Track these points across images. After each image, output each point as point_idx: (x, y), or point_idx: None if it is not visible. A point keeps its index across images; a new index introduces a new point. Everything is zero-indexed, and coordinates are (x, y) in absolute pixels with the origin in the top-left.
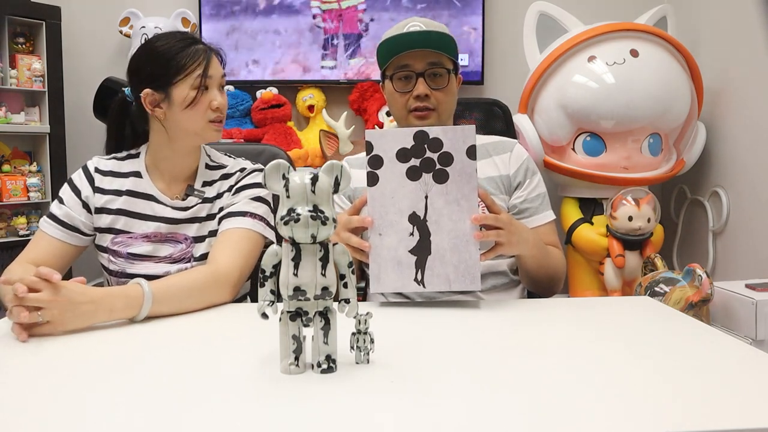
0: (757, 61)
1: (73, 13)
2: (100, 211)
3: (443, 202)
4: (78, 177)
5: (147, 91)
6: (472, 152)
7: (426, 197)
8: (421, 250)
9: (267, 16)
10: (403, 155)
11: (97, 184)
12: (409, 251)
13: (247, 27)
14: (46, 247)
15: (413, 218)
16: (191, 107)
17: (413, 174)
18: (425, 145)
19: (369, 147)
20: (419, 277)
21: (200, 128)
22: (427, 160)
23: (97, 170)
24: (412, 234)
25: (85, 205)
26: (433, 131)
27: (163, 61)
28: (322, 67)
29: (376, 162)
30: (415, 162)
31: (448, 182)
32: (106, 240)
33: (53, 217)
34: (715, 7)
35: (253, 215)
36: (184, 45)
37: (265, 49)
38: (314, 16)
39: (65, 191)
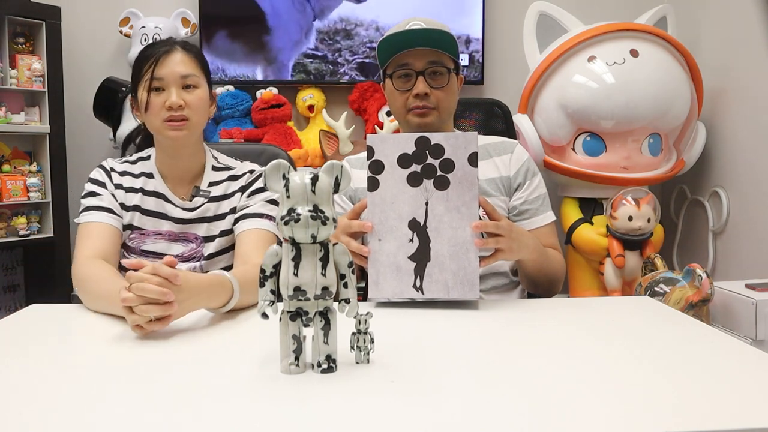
0: (757, 61)
1: (73, 13)
2: (121, 207)
3: (444, 209)
4: (98, 173)
5: (130, 97)
6: (473, 159)
7: (426, 203)
8: (421, 257)
9: (267, 16)
10: (404, 161)
11: (115, 181)
12: (409, 257)
13: (248, 26)
14: (101, 236)
15: (413, 224)
16: (147, 110)
17: (414, 180)
18: (427, 151)
19: (370, 152)
20: (418, 284)
21: (157, 128)
22: (428, 167)
23: (112, 170)
24: (411, 240)
25: (113, 196)
26: (435, 137)
27: (133, 68)
28: (323, 66)
29: (376, 167)
30: (416, 168)
31: (448, 189)
32: (123, 236)
33: (96, 208)
34: (715, 7)
35: (269, 217)
36: (146, 50)
37: (266, 48)
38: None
39: (93, 186)
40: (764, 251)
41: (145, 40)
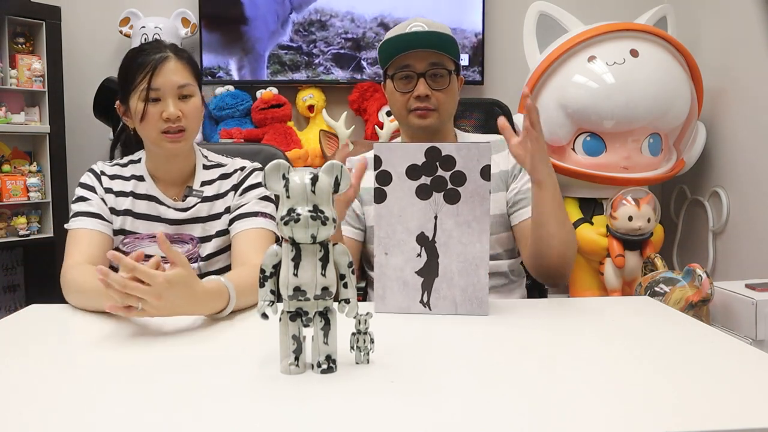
0: (757, 61)
1: (73, 13)
2: (111, 211)
3: (453, 224)
4: (88, 178)
5: (118, 102)
6: (486, 172)
7: (435, 217)
8: (428, 272)
9: (267, 16)
10: (413, 172)
11: (105, 185)
12: (416, 272)
13: (248, 26)
14: (89, 242)
15: (421, 239)
16: (143, 120)
17: (423, 192)
18: (437, 163)
19: (377, 162)
20: (425, 299)
21: (154, 139)
22: (438, 179)
23: (103, 173)
24: (419, 255)
25: (103, 200)
26: (446, 148)
27: (121, 73)
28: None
29: (384, 178)
30: (425, 180)
31: (459, 203)
32: (116, 241)
33: (85, 213)
34: (715, 7)
35: (264, 214)
36: (137, 56)
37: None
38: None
39: (83, 191)
40: (764, 251)
41: (145, 39)
